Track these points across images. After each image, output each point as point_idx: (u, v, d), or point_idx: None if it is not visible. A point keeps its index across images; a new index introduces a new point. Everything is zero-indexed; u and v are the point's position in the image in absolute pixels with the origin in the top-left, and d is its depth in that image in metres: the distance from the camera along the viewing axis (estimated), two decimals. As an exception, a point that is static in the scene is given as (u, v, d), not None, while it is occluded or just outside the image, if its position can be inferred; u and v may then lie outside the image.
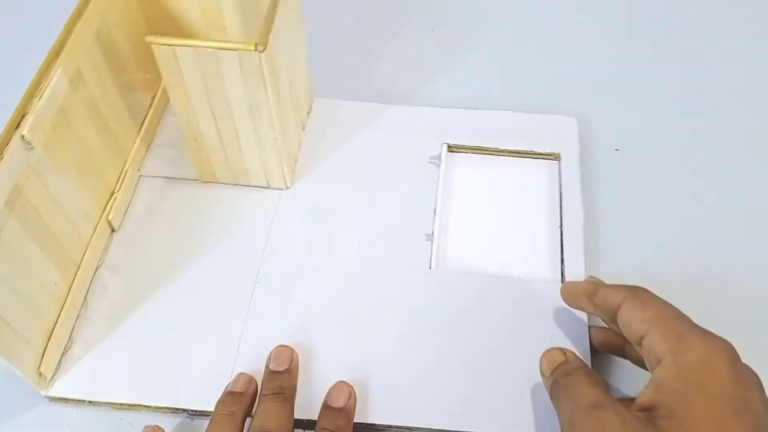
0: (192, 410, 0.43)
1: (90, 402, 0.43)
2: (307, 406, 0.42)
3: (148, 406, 0.43)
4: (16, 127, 0.38)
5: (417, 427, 0.42)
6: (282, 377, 0.42)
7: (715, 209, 0.51)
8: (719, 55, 0.61)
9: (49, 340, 0.43)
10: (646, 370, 0.37)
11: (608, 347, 0.43)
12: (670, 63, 0.60)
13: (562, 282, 0.46)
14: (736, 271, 0.48)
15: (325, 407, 0.41)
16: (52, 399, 0.44)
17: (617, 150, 0.54)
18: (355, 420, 0.42)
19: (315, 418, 0.41)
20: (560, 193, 0.50)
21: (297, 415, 0.41)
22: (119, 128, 0.50)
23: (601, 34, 0.63)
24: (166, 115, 0.56)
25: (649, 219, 0.51)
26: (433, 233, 0.48)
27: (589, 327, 0.44)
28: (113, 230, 0.50)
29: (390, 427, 0.42)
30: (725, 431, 0.32)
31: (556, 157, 0.52)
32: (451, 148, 0.53)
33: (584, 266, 0.47)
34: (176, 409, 0.43)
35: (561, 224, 0.48)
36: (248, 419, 0.41)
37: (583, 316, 0.45)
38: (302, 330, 0.45)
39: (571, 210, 0.49)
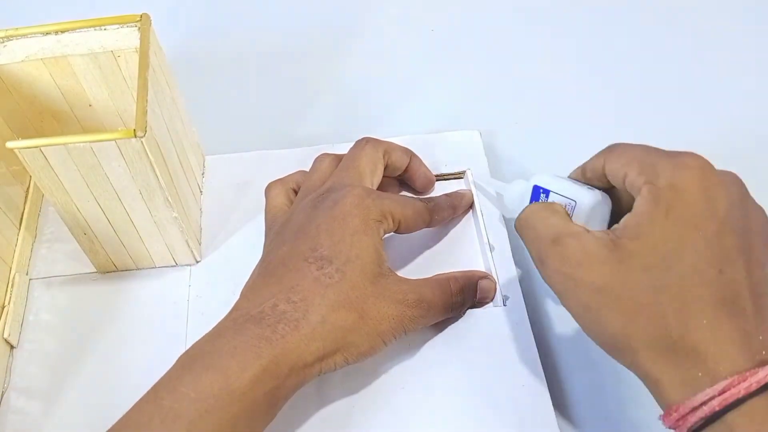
0: None
1: None
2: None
3: None
4: None
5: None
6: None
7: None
8: (610, 60, 0.60)
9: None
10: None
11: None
12: (565, 66, 0.60)
13: (504, 305, 0.45)
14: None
15: None
16: None
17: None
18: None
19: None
20: (480, 211, 0.49)
21: None
22: (-5, 236, 0.45)
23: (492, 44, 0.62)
24: (45, 206, 0.51)
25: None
26: (362, 280, 0.46)
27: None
28: (12, 347, 0.45)
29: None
30: (683, 244, 0.33)
31: (461, 174, 0.51)
32: (362, 184, 0.50)
33: (518, 281, 0.46)
34: None
35: (489, 242, 0.47)
36: None
37: (531, 338, 0.44)
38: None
39: (494, 225, 0.48)
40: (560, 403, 0.42)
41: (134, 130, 0.37)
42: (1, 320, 0.45)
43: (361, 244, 0.39)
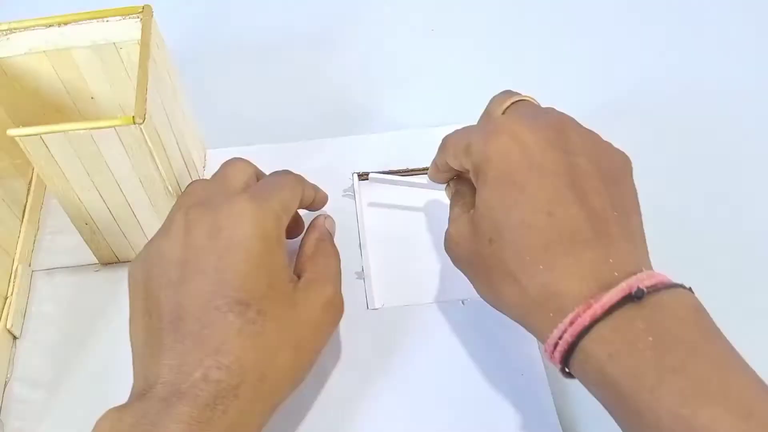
0: None
1: None
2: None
3: None
4: None
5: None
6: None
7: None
8: (610, 60, 0.60)
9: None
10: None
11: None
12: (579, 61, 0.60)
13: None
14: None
15: None
16: None
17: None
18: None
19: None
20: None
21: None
22: (-2, 227, 0.45)
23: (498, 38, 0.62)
24: (48, 198, 0.51)
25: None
26: (363, 270, 0.46)
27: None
28: (15, 338, 0.45)
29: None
30: (505, 204, 0.34)
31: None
32: (362, 177, 0.51)
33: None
34: None
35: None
36: None
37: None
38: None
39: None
40: (561, 403, 0.42)
41: (133, 117, 0.37)
42: (4, 311, 0.45)
43: (269, 270, 0.36)
